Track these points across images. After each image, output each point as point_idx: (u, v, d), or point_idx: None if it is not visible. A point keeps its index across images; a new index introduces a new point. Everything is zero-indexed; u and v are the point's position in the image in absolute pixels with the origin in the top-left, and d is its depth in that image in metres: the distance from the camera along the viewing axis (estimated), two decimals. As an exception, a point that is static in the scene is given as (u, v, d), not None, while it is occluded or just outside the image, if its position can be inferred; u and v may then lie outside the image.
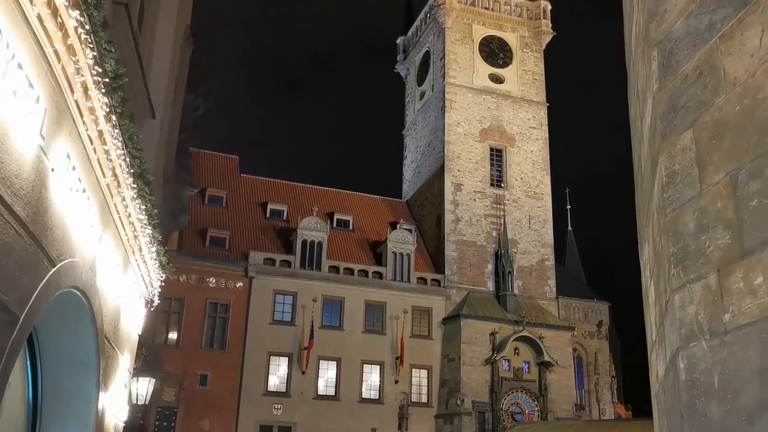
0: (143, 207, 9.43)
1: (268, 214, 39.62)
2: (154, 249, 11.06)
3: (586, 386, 39.82)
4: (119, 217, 8.84)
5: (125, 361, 11.03)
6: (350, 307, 36.15)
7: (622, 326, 43.61)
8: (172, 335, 32.89)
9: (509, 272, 38.91)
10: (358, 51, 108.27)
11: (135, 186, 8.61)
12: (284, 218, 39.67)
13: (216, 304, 34.00)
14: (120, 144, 7.40)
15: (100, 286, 8.13)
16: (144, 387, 15.17)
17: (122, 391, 11.14)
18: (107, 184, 7.75)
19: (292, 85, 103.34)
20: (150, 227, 10.10)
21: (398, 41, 51.14)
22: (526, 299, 39.34)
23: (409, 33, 50.16)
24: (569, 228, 48.49)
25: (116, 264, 9.11)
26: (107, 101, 6.41)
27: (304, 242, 36.51)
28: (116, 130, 7.07)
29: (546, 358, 36.33)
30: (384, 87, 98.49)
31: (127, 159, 7.85)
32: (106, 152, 7.22)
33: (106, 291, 8.68)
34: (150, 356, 31.36)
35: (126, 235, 9.47)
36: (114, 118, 6.86)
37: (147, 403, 15.29)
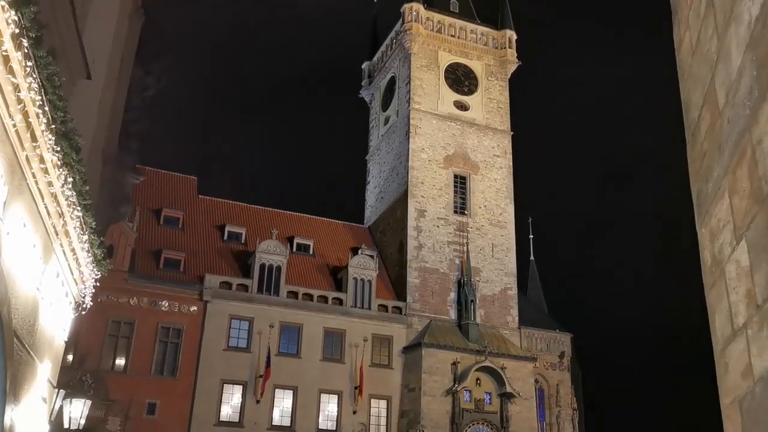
0: (70, 179, 7.90)
1: (225, 237, 38.40)
2: (86, 237, 9.42)
3: (547, 418, 39.12)
4: (36, 183, 7.23)
5: (45, 370, 9.45)
6: (308, 334, 34.99)
7: (584, 358, 43.20)
8: (120, 361, 31.25)
9: (472, 301, 38.28)
10: (322, 75, 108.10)
11: (58, 149, 7.18)
12: (242, 241, 38.48)
13: (168, 329, 32.51)
14: (35, 84, 6.02)
15: (4, 265, 6.68)
16: (78, 410, 13.70)
17: (40, 407, 9.61)
18: (16, 130, 6.21)
19: (254, 107, 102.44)
20: (80, 208, 8.55)
21: (363, 66, 50.84)
22: (489, 329, 38.70)
23: (375, 58, 49.90)
24: (531, 258, 48.24)
25: (32, 245, 7.65)
26: (15, 18, 5.18)
27: (262, 266, 35.35)
28: (29, 62, 5.77)
29: (508, 389, 35.60)
30: (348, 112, 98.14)
31: (46, 107, 6.43)
32: (14, 86, 5.80)
33: (16, 275, 7.17)
34: (95, 383, 29.69)
35: (46, 209, 7.88)
36: (25, 44, 5.58)
37: (81, 429, 13.78)
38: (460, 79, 44.56)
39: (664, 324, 79.09)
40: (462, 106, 43.89)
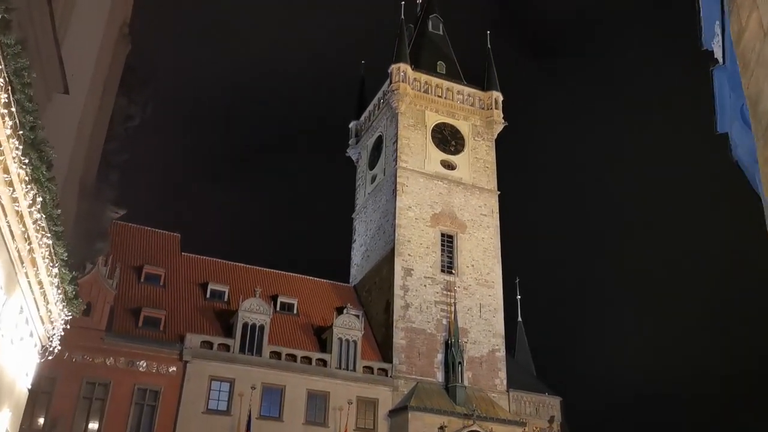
0: (39, 198, 6.99)
1: (208, 295, 37.50)
2: (56, 271, 8.49)
3: (537, 486, 37.77)
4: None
5: (2, 420, 8.47)
6: (291, 397, 33.80)
7: (574, 423, 42.05)
8: (93, 425, 29.83)
9: (459, 362, 37.41)
10: (309, 134, 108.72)
11: (26, 161, 6.33)
12: (225, 299, 37.58)
13: (145, 391, 31.23)
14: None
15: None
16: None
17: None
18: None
19: (239, 166, 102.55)
20: (50, 235, 7.62)
21: (351, 126, 51.06)
22: (476, 391, 37.69)
23: (362, 118, 50.17)
24: (519, 319, 47.54)
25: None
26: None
27: (245, 325, 34.40)
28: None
29: (497, 455, 34.41)
30: (334, 170, 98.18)
31: (13, 107, 5.61)
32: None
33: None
34: (65, 448, 28.31)
35: (10, 230, 6.92)
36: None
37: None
38: (447, 139, 44.75)
39: (657, 389, 78.06)
40: (449, 165, 43.93)
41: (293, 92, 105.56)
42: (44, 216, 7.01)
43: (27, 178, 6.33)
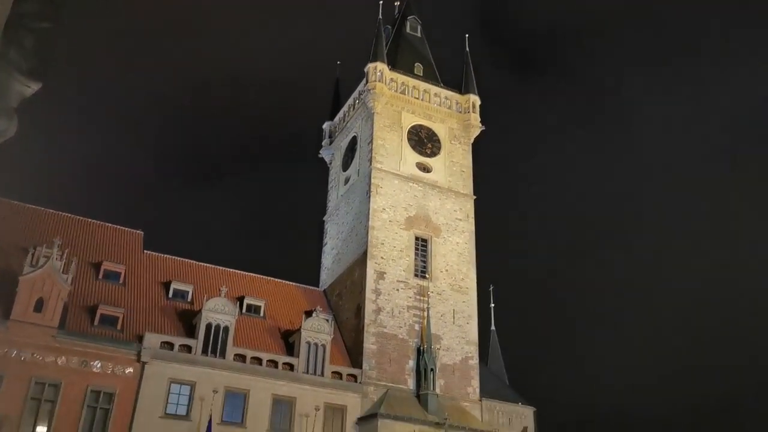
0: None
1: (170, 295, 35.73)
2: None
3: (509, 499, 36.51)
4: None
5: None
6: (255, 402, 32.12)
7: (547, 433, 40.90)
8: (41, 428, 27.80)
9: (431, 369, 36.09)
10: (281, 137, 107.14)
11: None
12: (188, 299, 35.86)
13: (98, 393, 29.29)
14: None
15: None
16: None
17: None
18: None
19: (208, 168, 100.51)
20: None
21: (324, 126, 49.81)
22: (448, 400, 36.39)
23: (336, 119, 48.95)
24: (492, 327, 46.42)
25: None
26: None
27: (208, 326, 32.71)
28: None
29: (469, 466, 33.10)
30: (305, 172, 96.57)
31: None
32: None
33: None
34: (9, 452, 26.30)
35: None
36: None
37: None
38: (423, 141, 43.71)
39: (632, 403, 77.52)
40: (425, 168, 42.85)
41: (266, 93, 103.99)
42: None
43: None
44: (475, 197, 43.64)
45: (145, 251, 38.26)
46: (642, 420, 73.61)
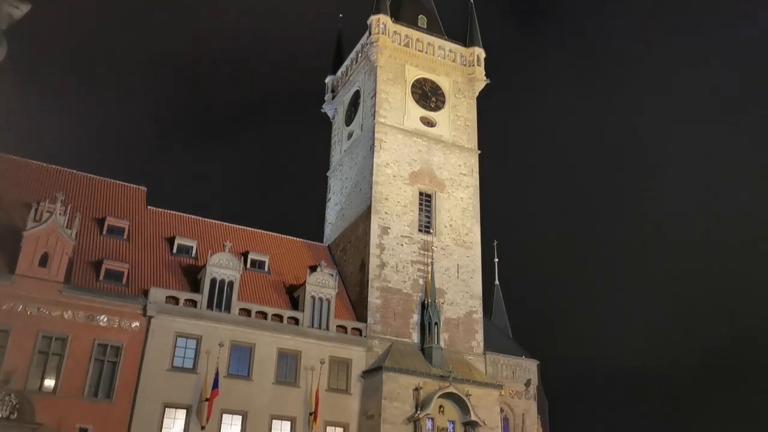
0: None
1: (174, 250, 35.72)
2: None
3: (512, 450, 37.06)
4: None
5: None
6: (261, 355, 32.39)
7: (550, 387, 41.41)
8: (49, 381, 28.07)
9: (436, 323, 36.26)
10: (283, 92, 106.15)
11: None
12: (193, 255, 35.88)
13: (105, 346, 29.50)
14: None
15: None
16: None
17: None
18: None
19: (211, 125, 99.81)
20: None
21: (327, 81, 49.17)
22: (453, 353, 36.65)
23: (339, 73, 48.29)
24: (496, 282, 46.57)
25: None
26: None
27: (213, 280, 32.76)
28: None
29: (473, 417, 33.48)
30: (308, 128, 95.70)
31: None
32: None
33: None
34: (19, 404, 26.60)
35: None
36: None
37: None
38: (427, 95, 43.14)
39: (634, 354, 78.06)
40: (429, 122, 42.38)
41: (268, 48, 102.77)
42: None
43: None
44: (479, 152, 43.26)
45: (149, 207, 38.16)
46: (645, 375, 74.30)
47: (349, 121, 45.06)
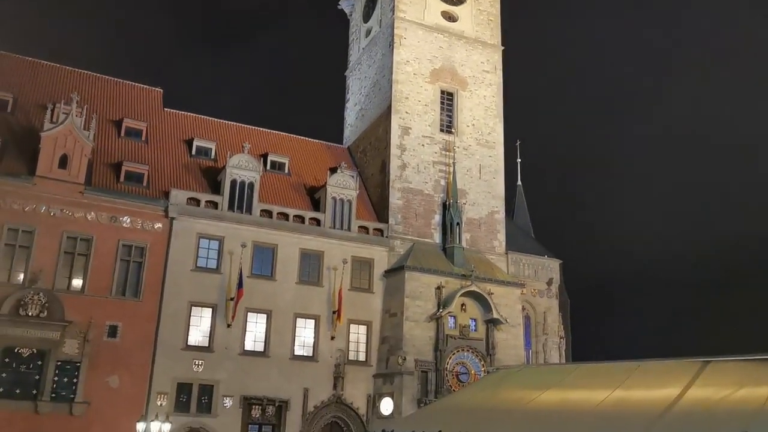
0: None
1: (193, 152, 35.38)
2: None
3: (533, 347, 37.62)
4: None
5: None
6: (284, 256, 32.55)
7: (572, 286, 41.50)
8: (77, 281, 28.51)
9: (457, 224, 36.06)
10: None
11: None
12: (212, 157, 35.54)
13: (130, 247, 29.75)
14: None
15: None
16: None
17: None
18: None
19: (227, 26, 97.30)
20: None
21: (344, -25, 47.05)
22: (474, 253, 36.62)
23: (356, -34, 46.09)
24: (519, 182, 45.98)
25: None
26: None
27: (233, 182, 32.54)
28: None
29: (495, 315, 33.77)
30: (325, 26, 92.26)
31: None
32: None
33: None
34: (48, 303, 27.13)
35: None
36: None
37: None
38: (449, -12, 41.13)
39: (654, 254, 77.96)
40: (450, 17, 40.67)
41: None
42: None
43: None
44: (503, 48, 41.68)
45: (166, 109, 37.59)
46: (666, 279, 74.37)
47: (366, 17, 43.40)
